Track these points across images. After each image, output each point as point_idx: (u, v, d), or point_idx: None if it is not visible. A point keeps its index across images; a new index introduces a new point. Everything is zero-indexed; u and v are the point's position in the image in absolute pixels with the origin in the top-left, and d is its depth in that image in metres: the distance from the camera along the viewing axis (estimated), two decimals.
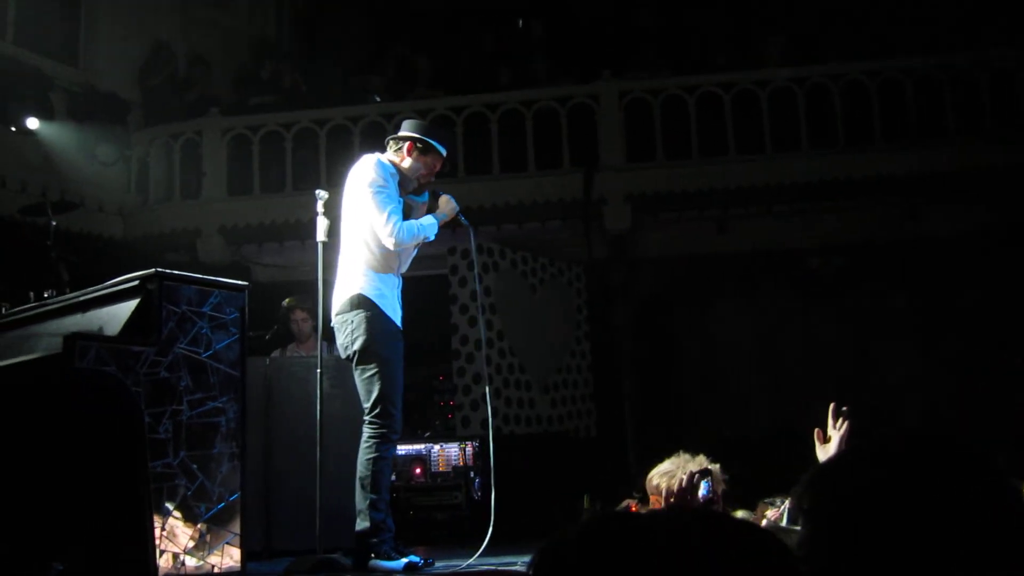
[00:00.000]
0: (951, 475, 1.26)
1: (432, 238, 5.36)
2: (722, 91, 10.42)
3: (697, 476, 3.28)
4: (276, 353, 7.87)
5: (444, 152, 5.52)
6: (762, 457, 8.53)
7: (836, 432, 3.38)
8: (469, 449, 8.71)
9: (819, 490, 1.32)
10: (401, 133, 5.53)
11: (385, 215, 5.15)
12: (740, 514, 4.51)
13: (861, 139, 10.23)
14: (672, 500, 3.14)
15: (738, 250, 10.86)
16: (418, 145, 5.44)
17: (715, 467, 3.53)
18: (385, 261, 5.29)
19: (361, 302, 5.18)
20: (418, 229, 5.25)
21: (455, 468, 8.63)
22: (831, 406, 3.53)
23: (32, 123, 9.49)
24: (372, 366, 5.13)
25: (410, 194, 5.53)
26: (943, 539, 1.20)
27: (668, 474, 3.26)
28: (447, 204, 5.47)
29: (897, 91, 10.27)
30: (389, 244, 5.19)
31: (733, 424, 10.79)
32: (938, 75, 10.20)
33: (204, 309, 4.35)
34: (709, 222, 10.75)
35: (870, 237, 10.59)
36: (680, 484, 3.31)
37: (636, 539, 1.12)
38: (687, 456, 3.40)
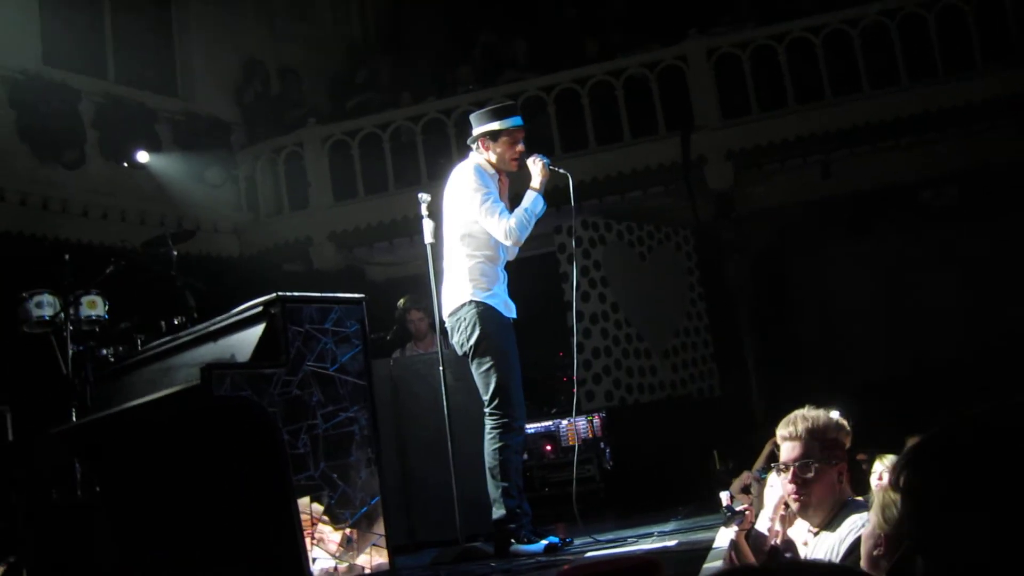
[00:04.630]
0: None
1: (543, 210, 5.45)
2: (812, 35, 10.23)
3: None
4: (396, 353, 8.08)
5: (515, 123, 5.54)
6: (899, 399, 8.41)
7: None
8: (597, 421, 8.77)
9: (917, 468, 1.33)
10: (473, 134, 5.62)
11: (495, 219, 5.30)
12: (888, 459, 4.48)
13: (962, 65, 9.92)
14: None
15: (846, 192, 10.68)
16: (488, 136, 5.53)
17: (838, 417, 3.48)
18: (487, 258, 5.43)
19: (470, 302, 5.33)
20: (527, 215, 5.37)
21: (585, 441, 8.72)
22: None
23: (142, 157, 9.88)
24: (488, 359, 5.28)
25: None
26: None
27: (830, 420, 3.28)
28: (535, 165, 5.54)
29: (996, 9, 9.92)
30: (509, 243, 5.35)
31: (859, 368, 10.65)
32: None
33: (326, 325, 4.53)
34: (813, 167, 10.58)
35: (983, 163, 10.27)
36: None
37: None
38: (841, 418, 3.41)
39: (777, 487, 3.42)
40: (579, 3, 12.10)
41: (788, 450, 3.33)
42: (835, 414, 3.34)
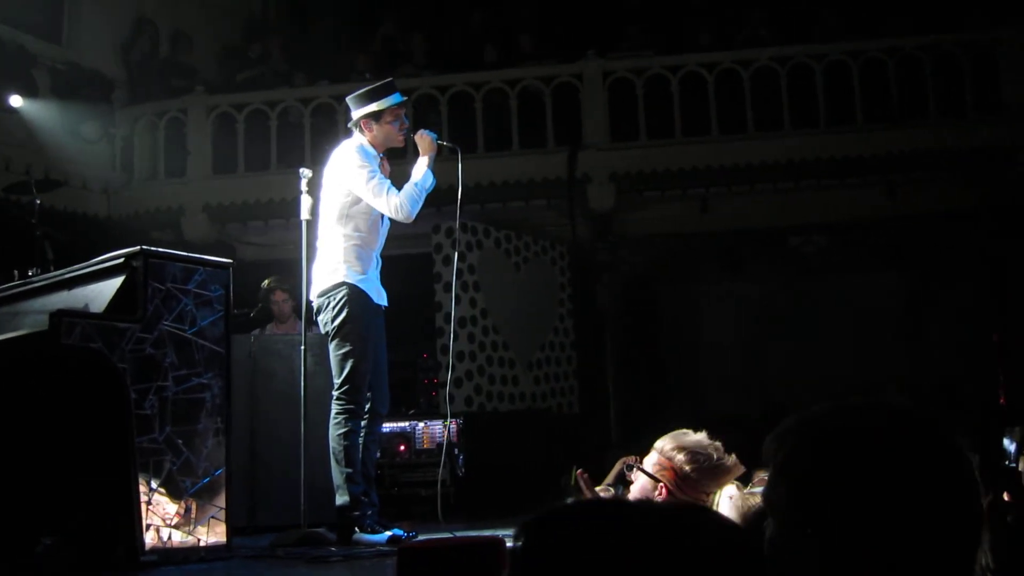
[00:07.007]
0: (911, 443, 1.34)
1: (432, 184, 5.41)
2: (705, 71, 10.47)
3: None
4: (256, 332, 7.94)
5: (395, 100, 5.47)
6: (748, 434, 8.61)
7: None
8: (453, 426, 8.75)
9: (789, 445, 1.39)
10: (353, 117, 5.55)
11: (384, 197, 5.24)
12: (731, 486, 4.58)
13: (842, 119, 10.29)
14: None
15: (721, 229, 10.92)
16: (371, 117, 5.45)
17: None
18: (363, 241, 5.36)
19: (343, 283, 5.25)
20: (417, 189, 5.32)
21: (439, 445, 8.69)
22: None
23: (15, 101, 9.46)
24: (347, 344, 5.21)
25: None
26: (898, 497, 1.30)
27: (692, 455, 3.24)
28: (422, 140, 5.50)
29: (879, 71, 10.33)
30: (400, 218, 5.28)
31: (716, 401, 10.90)
32: (920, 56, 10.26)
33: (189, 286, 4.40)
34: (692, 201, 10.79)
35: (851, 216, 10.67)
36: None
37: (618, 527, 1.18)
38: (718, 443, 3.40)
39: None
40: (485, 9, 12.12)
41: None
42: (705, 445, 3.33)
